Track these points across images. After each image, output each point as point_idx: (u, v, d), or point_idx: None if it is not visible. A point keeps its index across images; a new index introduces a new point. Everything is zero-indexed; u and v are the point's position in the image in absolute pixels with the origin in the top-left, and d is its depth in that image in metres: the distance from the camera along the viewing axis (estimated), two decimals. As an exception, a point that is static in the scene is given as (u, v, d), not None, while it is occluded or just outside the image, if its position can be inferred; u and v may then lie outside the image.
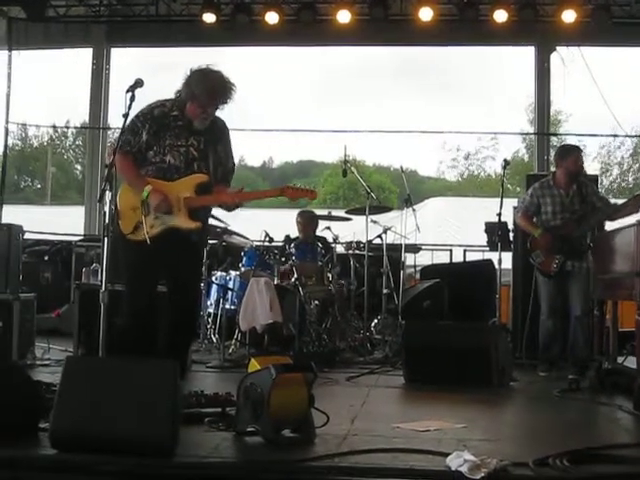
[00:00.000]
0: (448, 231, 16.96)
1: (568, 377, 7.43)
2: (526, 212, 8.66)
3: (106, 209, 5.70)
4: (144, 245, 5.88)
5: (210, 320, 9.95)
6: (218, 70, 6.14)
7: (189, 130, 6.18)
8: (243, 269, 9.56)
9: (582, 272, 8.26)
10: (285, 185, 6.34)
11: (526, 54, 14.81)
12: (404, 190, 10.99)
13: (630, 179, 41.97)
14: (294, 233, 10.18)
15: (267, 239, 9.56)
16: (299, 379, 4.77)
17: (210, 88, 6.06)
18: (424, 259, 12.99)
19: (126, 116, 5.78)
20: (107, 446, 4.12)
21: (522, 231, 8.99)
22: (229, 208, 6.26)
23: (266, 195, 6.98)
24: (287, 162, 59.96)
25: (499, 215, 8.83)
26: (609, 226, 8.53)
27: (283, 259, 9.31)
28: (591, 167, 40.84)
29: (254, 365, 4.88)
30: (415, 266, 12.16)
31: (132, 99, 5.74)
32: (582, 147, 8.81)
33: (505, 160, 9.27)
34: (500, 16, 12.57)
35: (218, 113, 6.32)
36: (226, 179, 6.43)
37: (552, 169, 8.98)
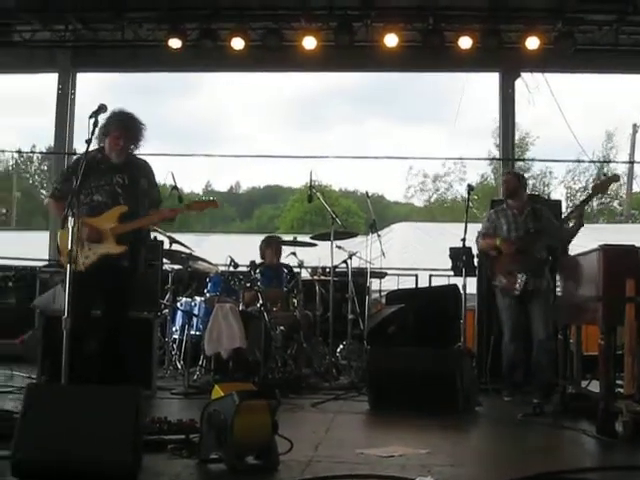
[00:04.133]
0: (414, 256, 16.96)
1: (532, 401, 7.47)
2: (485, 234, 8.77)
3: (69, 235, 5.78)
4: (82, 274, 6.27)
5: (175, 346, 9.88)
6: (130, 111, 6.94)
7: (112, 170, 6.86)
8: (208, 295, 9.55)
9: (542, 292, 8.33)
10: (190, 202, 7.47)
11: (491, 80, 14.96)
12: (370, 215, 11.01)
13: (594, 204, 42.40)
14: (260, 259, 10.17)
15: (232, 265, 9.53)
16: (262, 406, 4.76)
17: (119, 119, 6.80)
18: (390, 284, 12.99)
19: (89, 142, 5.99)
20: (69, 473, 4.10)
21: (486, 255, 9.03)
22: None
23: (174, 213, 7.14)
24: (254, 187, 60.29)
25: (463, 240, 8.90)
26: (573, 250, 8.60)
27: (248, 285, 9.29)
28: (557, 192, 41.29)
29: (217, 392, 4.88)
30: (380, 291, 12.16)
31: (95, 124, 6.07)
32: (548, 172, 8.97)
33: (469, 185, 9.36)
34: (465, 43, 12.67)
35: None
36: (155, 207, 7.09)
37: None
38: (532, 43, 12.63)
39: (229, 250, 10.04)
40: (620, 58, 13.62)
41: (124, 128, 6.82)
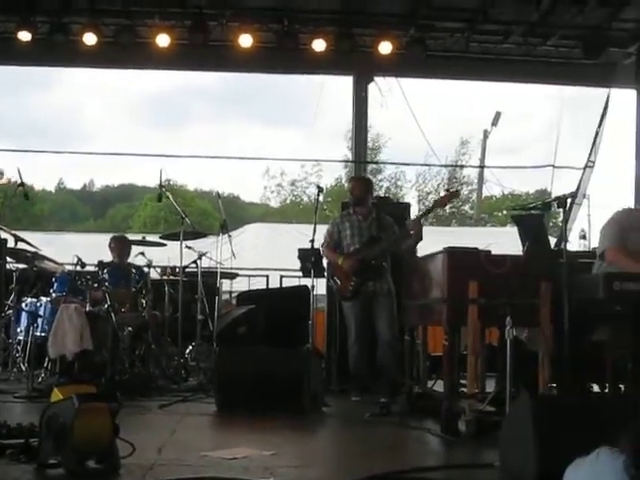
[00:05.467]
0: (265, 257, 16.96)
1: (380, 401, 7.57)
2: (328, 245, 8.82)
3: None
4: None
5: (19, 348, 9.61)
6: None
7: None
8: (54, 295, 9.34)
9: (384, 294, 8.40)
10: None
11: (347, 83, 15.06)
12: (222, 215, 10.98)
13: (447, 209, 43.29)
14: (108, 258, 9.99)
15: (79, 264, 9.33)
16: (103, 409, 4.66)
17: None
18: (241, 285, 12.99)
19: None
20: None
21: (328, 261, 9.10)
22: None
23: None
24: (108, 185, 59.23)
25: (312, 242, 8.94)
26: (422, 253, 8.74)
27: (96, 285, 9.12)
28: (409, 195, 42.17)
29: (57, 395, 4.77)
30: (231, 292, 12.14)
31: None
32: (401, 175, 9.06)
33: (318, 187, 9.47)
34: (318, 45, 12.76)
35: None
36: None
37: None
38: (385, 48, 12.82)
39: (82, 249, 9.88)
40: (471, 65, 14.03)
41: None
